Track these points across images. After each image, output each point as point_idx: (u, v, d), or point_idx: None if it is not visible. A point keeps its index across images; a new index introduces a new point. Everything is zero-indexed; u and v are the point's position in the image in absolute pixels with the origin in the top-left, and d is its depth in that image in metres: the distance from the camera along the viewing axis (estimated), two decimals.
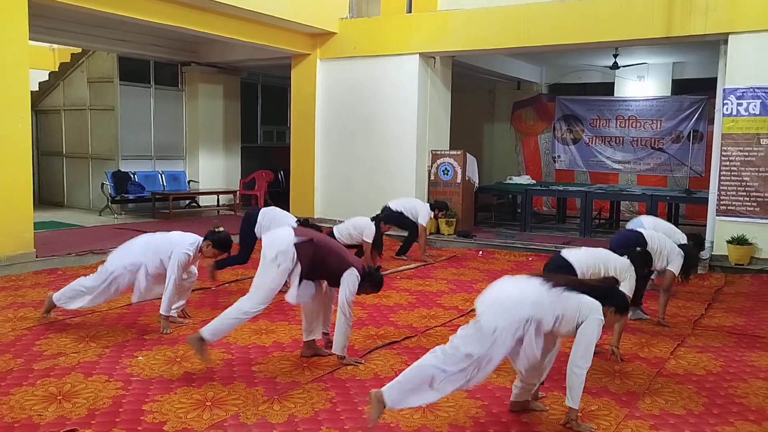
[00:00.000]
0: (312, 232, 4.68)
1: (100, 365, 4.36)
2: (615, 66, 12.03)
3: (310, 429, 3.49)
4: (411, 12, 10.71)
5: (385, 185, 9.89)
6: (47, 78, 13.26)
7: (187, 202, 12.68)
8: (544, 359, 3.54)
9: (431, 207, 8.79)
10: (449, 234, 10.06)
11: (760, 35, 7.93)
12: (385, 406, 3.29)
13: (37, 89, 13.25)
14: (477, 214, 11.44)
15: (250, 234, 6.69)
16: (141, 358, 4.52)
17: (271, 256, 4.29)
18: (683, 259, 5.53)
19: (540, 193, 12.30)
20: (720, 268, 7.98)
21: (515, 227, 11.03)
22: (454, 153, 10.51)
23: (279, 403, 3.79)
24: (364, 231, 7.55)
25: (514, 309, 3.33)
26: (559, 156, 14.00)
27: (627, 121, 13.09)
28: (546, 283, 3.41)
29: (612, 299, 3.51)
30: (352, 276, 4.37)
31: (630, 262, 4.72)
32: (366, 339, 5.09)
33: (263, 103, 14.74)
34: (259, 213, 6.82)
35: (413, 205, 8.68)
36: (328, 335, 4.71)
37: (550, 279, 3.47)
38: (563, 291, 3.38)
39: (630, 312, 5.72)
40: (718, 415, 3.79)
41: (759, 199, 8.02)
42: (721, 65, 8.44)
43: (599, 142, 13.43)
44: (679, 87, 13.05)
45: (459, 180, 10.39)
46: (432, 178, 10.60)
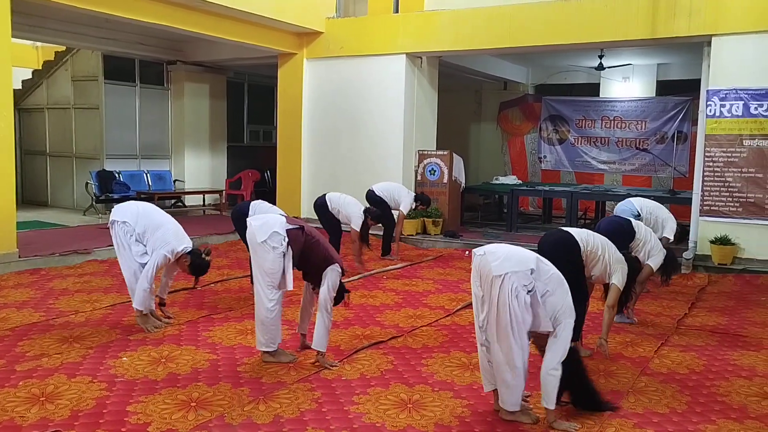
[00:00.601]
0: (303, 222, 4.70)
1: (83, 366, 4.32)
2: (600, 67, 12.12)
3: (295, 429, 3.48)
4: (398, 12, 10.72)
5: (372, 185, 9.83)
6: (30, 76, 13.13)
7: (173, 201, 12.59)
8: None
9: (415, 198, 8.74)
10: (436, 234, 10.08)
11: (742, 37, 8.02)
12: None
13: (20, 87, 13.12)
14: (463, 214, 11.47)
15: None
16: (125, 358, 4.49)
17: (262, 238, 4.29)
18: (664, 260, 5.57)
19: (526, 193, 12.37)
20: (703, 267, 8.05)
21: (501, 227, 11.07)
22: (440, 153, 10.54)
23: (264, 404, 3.78)
24: (352, 219, 7.68)
25: (521, 260, 3.53)
26: (545, 156, 14.07)
27: (612, 122, 13.19)
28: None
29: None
30: (334, 272, 4.39)
31: (624, 258, 4.72)
32: (352, 339, 5.09)
33: (250, 103, 14.69)
34: (250, 206, 6.83)
35: (397, 191, 8.61)
36: (305, 337, 4.71)
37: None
38: (558, 273, 3.60)
39: (616, 315, 5.77)
40: (700, 414, 3.83)
41: (742, 200, 8.11)
42: (705, 67, 8.52)
43: (585, 142, 13.52)
44: (664, 88, 13.17)
45: (445, 180, 10.41)
46: (419, 178, 10.61)
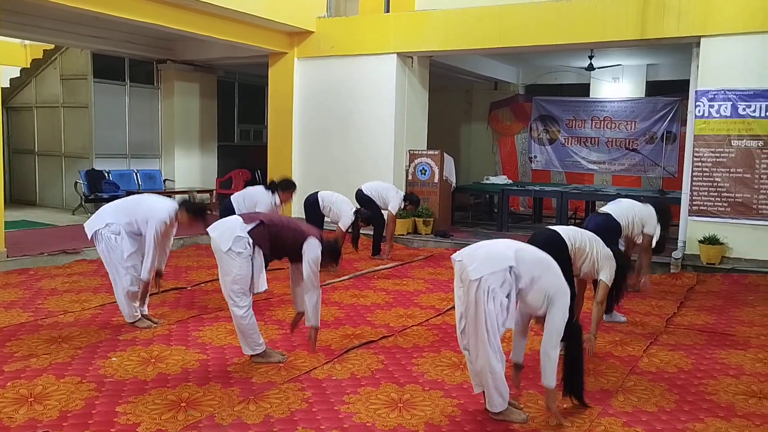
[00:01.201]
0: (260, 215, 4.67)
1: (72, 366, 4.30)
2: (590, 67, 12.18)
3: (286, 429, 3.47)
4: (389, 11, 10.72)
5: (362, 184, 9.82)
6: (18, 74, 13.03)
7: None
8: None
9: (404, 198, 8.65)
10: (426, 234, 10.09)
11: (731, 38, 8.08)
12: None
13: (8, 86, 13.03)
14: (454, 213, 11.49)
15: None
16: (114, 359, 4.47)
17: (227, 246, 4.28)
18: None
19: (516, 193, 12.40)
20: (692, 267, 8.10)
21: (492, 227, 11.09)
22: (431, 153, 10.55)
23: (255, 404, 3.77)
24: (341, 218, 7.75)
25: (497, 259, 3.49)
26: (536, 156, 14.12)
27: (602, 122, 13.25)
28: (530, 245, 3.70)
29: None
30: (312, 246, 4.38)
31: (613, 254, 4.74)
32: (343, 338, 5.09)
33: (240, 102, 14.64)
34: (231, 200, 6.83)
35: (385, 191, 8.55)
36: (302, 315, 4.68)
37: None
38: (543, 255, 3.64)
39: (605, 315, 5.82)
40: (689, 412, 3.85)
41: (730, 200, 8.17)
42: (694, 68, 8.58)
43: (575, 142, 13.57)
44: (653, 88, 13.24)
45: (436, 180, 10.42)
46: (409, 177, 10.62)
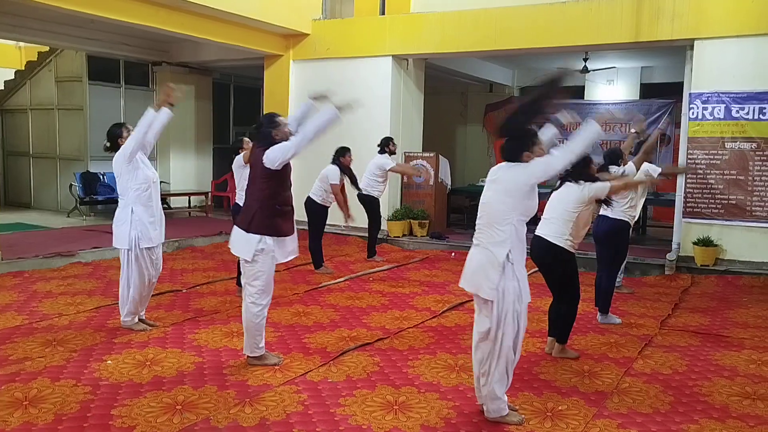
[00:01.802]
0: (243, 205, 4.62)
1: (67, 369, 4.29)
2: (585, 70, 12.21)
3: None
4: (384, 14, 10.73)
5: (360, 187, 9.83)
6: (13, 77, 13.00)
7: None
8: None
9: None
10: (422, 236, 10.10)
11: (724, 41, 8.12)
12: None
13: (2, 88, 13.01)
14: (449, 215, 11.50)
15: None
16: (110, 362, 4.46)
17: (249, 255, 4.31)
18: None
19: None
20: (686, 269, 8.13)
21: None
22: (427, 155, 10.57)
23: (250, 406, 3.77)
24: (327, 177, 7.75)
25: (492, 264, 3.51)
26: None
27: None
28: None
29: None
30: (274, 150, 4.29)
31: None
32: (339, 341, 5.09)
33: (236, 104, 14.63)
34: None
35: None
36: None
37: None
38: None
39: (600, 317, 5.86)
40: (683, 414, 3.87)
41: (724, 202, 8.21)
42: (687, 70, 8.62)
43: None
44: (648, 91, 13.29)
45: (432, 182, 10.44)
46: (405, 179, 10.62)
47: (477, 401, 3.83)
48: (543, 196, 4.83)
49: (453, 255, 9.24)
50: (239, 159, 6.35)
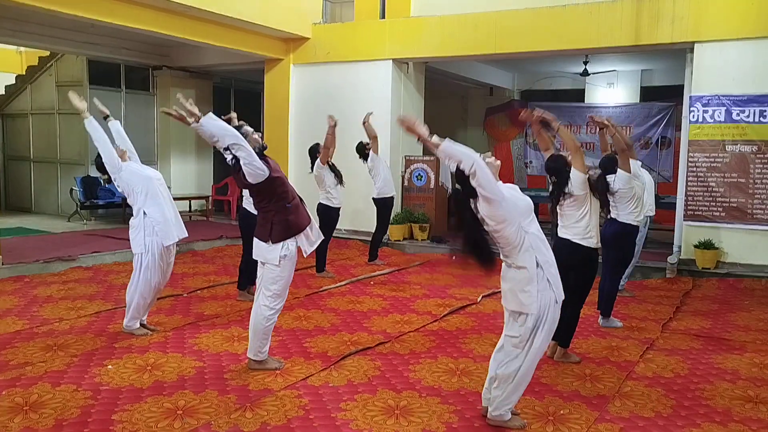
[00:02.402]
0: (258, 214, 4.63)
1: (68, 374, 4.28)
2: (585, 73, 12.23)
3: None
4: (384, 18, 10.73)
5: (359, 191, 9.86)
6: (14, 81, 13.01)
7: None
8: None
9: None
10: (422, 239, 10.10)
11: (724, 44, 8.12)
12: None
13: (3, 93, 13.02)
14: (450, 219, 11.49)
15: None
16: (110, 366, 4.45)
17: (275, 260, 4.34)
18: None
19: None
20: (687, 272, 8.12)
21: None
22: (427, 159, 10.56)
23: (251, 411, 3.76)
24: (316, 168, 7.68)
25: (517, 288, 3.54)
26: (531, 161, 14.15)
27: (597, 127, 13.27)
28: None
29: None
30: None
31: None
32: (340, 345, 5.08)
33: (236, 108, 14.52)
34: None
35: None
36: None
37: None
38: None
39: (602, 320, 5.85)
40: (685, 417, 3.86)
41: (725, 204, 8.20)
42: (688, 73, 8.62)
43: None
44: (648, 94, 13.29)
45: (432, 185, 10.44)
46: (405, 183, 10.63)
47: (480, 404, 3.82)
48: (544, 200, 4.86)
49: (453, 258, 9.23)
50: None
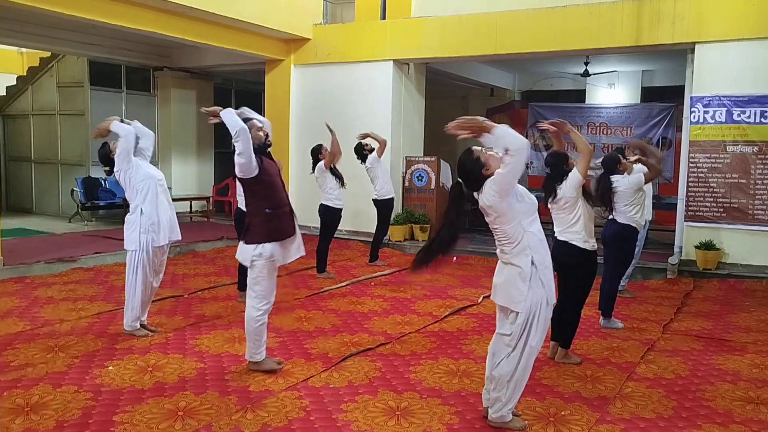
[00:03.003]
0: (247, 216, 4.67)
1: (69, 376, 4.28)
2: (586, 73, 12.22)
3: None
4: (385, 19, 10.74)
5: (360, 191, 9.86)
6: (15, 82, 13.03)
7: None
8: None
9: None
10: (423, 240, 10.08)
11: (725, 45, 8.12)
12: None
13: (4, 93, 13.03)
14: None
15: None
16: (111, 368, 4.46)
17: (247, 262, 4.38)
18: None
19: None
20: (688, 272, 8.11)
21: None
22: (428, 159, 10.57)
23: (252, 412, 3.76)
24: (320, 170, 7.83)
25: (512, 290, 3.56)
26: (532, 162, 14.11)
27: (598, 128, 13.26)
28: None
29: None
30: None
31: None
32: (340, 346, 5.08)
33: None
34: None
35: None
36: None
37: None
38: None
39: (603, 321, 5.85)
40: (686, 419, 3.86)
41: (726, 205, 8.19)
42: (688, 74, 8.62)
43: (571, 148, 13.51)
44: (649, 94, 13.29)
45: (433, 186, 10.44)
46: (406, 184, 10.63)
47: (482, 405, 3.82)
48: (544, 200, 4.88)
49: (455, 259, 9.23)
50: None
